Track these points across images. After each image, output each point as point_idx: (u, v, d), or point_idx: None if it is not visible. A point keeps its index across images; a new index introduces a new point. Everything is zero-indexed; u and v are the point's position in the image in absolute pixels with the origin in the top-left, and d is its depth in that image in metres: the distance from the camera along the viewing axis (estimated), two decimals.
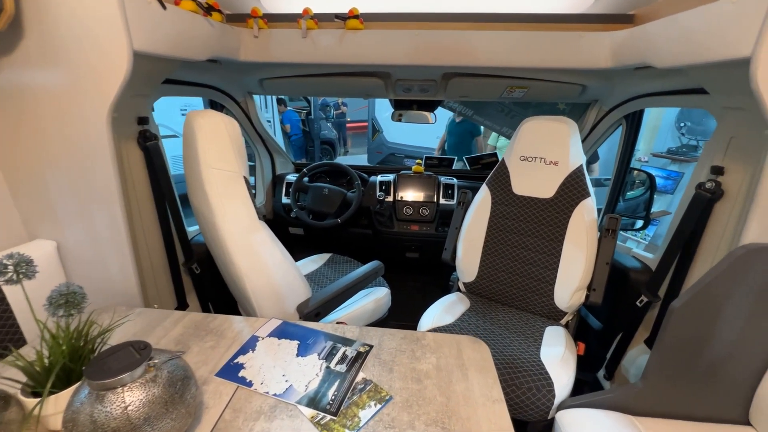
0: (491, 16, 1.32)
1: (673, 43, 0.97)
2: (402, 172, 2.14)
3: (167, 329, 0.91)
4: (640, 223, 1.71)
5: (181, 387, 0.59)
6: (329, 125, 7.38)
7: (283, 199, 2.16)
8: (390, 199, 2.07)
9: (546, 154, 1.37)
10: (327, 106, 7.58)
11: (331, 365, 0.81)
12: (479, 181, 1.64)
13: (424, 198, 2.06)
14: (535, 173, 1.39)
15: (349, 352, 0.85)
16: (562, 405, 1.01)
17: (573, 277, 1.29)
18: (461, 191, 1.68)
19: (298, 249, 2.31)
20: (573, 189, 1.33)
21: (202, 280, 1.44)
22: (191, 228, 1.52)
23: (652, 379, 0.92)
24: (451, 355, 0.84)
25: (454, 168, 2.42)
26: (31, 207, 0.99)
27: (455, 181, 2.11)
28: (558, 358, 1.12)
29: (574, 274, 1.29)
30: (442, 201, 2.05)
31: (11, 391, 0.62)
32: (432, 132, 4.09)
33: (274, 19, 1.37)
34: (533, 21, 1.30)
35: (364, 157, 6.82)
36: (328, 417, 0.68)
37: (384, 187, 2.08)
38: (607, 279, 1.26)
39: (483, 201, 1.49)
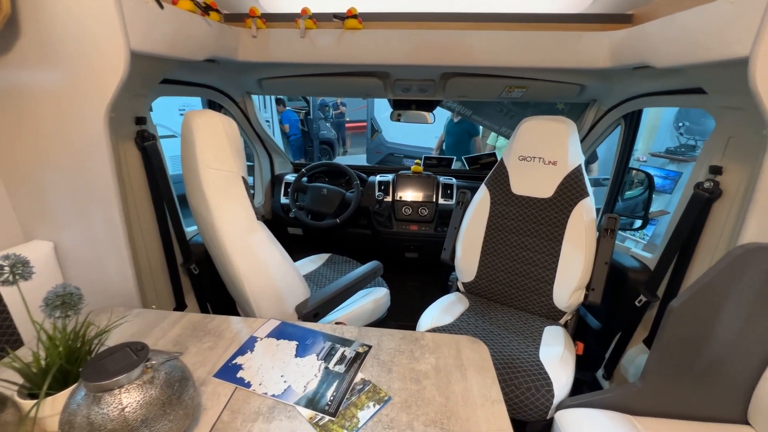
0: (490, 15, 1.32)
1: (672, 43, 0.97)
2: (401, 172, 2.14)
3: (165, 330, 0.91)
4: (638, 222, 1.72)
5: (178, 388, 0.59)
6: (328, 125, 7.38)
7: (282, 199, 2.16)
8: (389, 199, 2.07)
9: (545, 153, 1.37)
10: (326, 106, 7.57)
11: (330, 366, 0.80)
12: (478, 181, 1.64)
13: (423, 198, 2.06)
14: (533, 173, 1.39)
15: (348, 353, 0.84)
16: (561, 405, 1.01)
17: (572, 277, 1.29)
18: (460, 191, 1.68)
19: (297, 249, 2.31)
20: (572, 189, 1.33)
21: (201, 281, 1.44)
22: (190, 228, 1.52)
23: (650, 378, 0.92)
24: (450, 356, 0.84)
25: (453, 168, 2.42)
26: (27, 207, 0.98)
27: (454, 181, 2.10)
28: (557, 357, 1.12)
29: (572, 273, 1.29)
30: (441, 201, 2.05)
31: (8, 392, 0.61)
32: (431, 132, 4.09)
33: (272, 18, 1.37)
34: (532, 21, 1.30)
35: (363, 157, 6.82)
36: (327, 418, 0.68)
37: (383, 187, 2.07)
38: (606, 279, 1.26)
39: (482, 201, 1.49)
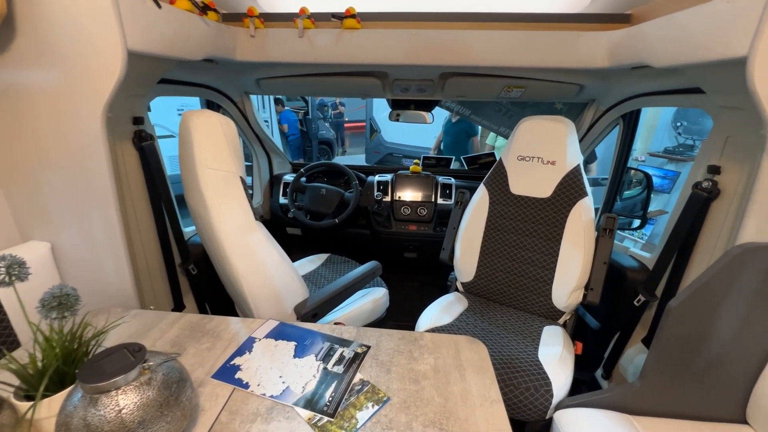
0: (488, 15, 1.32)
1: (670, 43, 0.97)
2: (400, 172, 2.14)
3: (163, 331, 0.90)
4: (637, 222, 1.72)
5: (176, 389, 0.58)
6: (327, 125, 7.37)
7: (281, 199, 2.16)
8: (388, 199, 2.06)
9: (543, 153, 1.37)
10: (325, 106, 7.56)
11: (329, 366, 0.80)
12: (477, 180, 1.64)
13: (422, 198, 2.06)
14: (532, 173, 1.39)
15: (347, 353, 0.84)
16: (560, 405, 1.01)
17: (571, 277, 1.29)
18: (459, 191, 1.68)
19: (296, 249, 2.31)
20: (570, 188, 1.33)
21: (199, 281, 1.43)
22: (188, 229, 1.51)
23: (649, 378, 0.92)
24: (449, 356, 0.84)
25: (451, 168, 2.42)
26: (24, 208, 0.98)
27: (453, 180, 2.10)
28: (556, 357, 1.12)
29: (571, 273, 1.29)
30: (440, 201, 2.04)
31: (4, 394, 0.61)
32: (430, 132, 4.09)
33: (270, 18, 1.37)
34: (530, 21, 1.30)
35: (362, 157, 6.81)
36: (326, 418, 0.67)
37: (382, 187, 2.07)
38: (605, 278, 1.26)
39: (481, 201, 1.49)
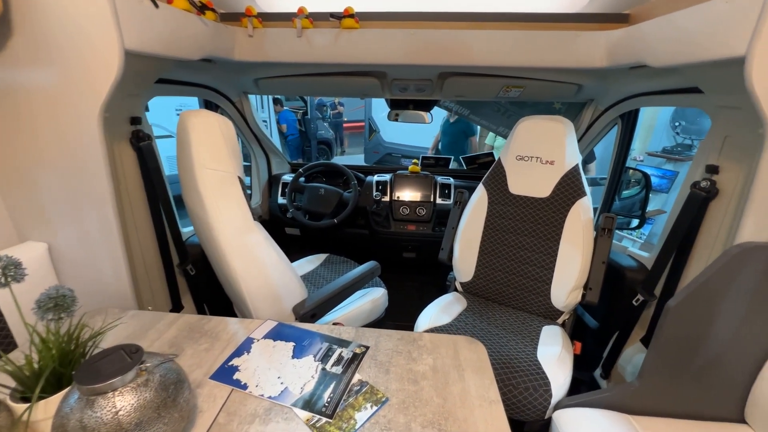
0: (487, 15, 1.32)
1: (668, 43, 0.97)
2: (398, 172, 2.13)
3: (161, 332, 0.90)
4: (635, 222, 1.72)
5: (173, 391, 0.58)
6: (326, 125, 7.37)
7: (279, 199, 2.15)
8: (387, 199, 2.06)
9: (542, 153, 1.37)
10: (324, 105, 7.56)
11: (327, 367, 0.80)
12: (476, 180, 1.64)
13: (420, 198, 2.05)
14: (531, 172, 1.39)
15: (345, 354, 0.84)
16: (559, 404, 1.01)
17: (569, 277, 1.29)
18: (458, 191, 1.68)
19: (295, 249, 2.31)
20: (569, 188, 1.33)
21: (197, 282, 1.43)
22: (186, 229, 1.51)
23: (648, 377, 0.93)
24: (448, 356, 0.84)
25: (450, 168, 2.42)
26: (21, 208, 0.97)
27: (452, 180, 2.10)
28: (555, 357, 1.12)
29: (570, 273, 1.29)
30: (438, 201, 2.04)
31: (0, 396, 0.60)
32: (429, 132, 4.09)
33: (268, 18, 1.36)
34: (529, 20, 1.30)
35: (361, 157, 6.81)
36: (324, 419, 0.67)
37: (380, 187, 2.07)
38: (604, 278, 1.26)
39: (479, 200, 1.49)
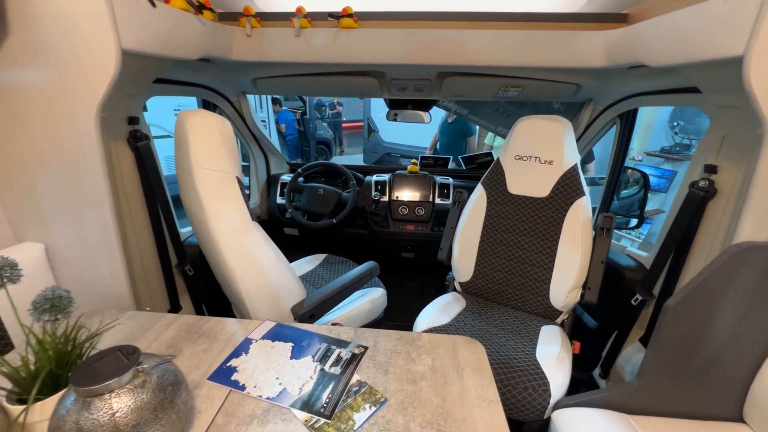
0: (485, 15, 1.31)
1: (667, 42, 0.97)
2: (397, 172, 2.13)
3: (159, 332, 0.90)
4: (634, 221, 1.72)
5: (171, 392, 0.58)
6: (325, 125, 7.36)
7: (278, 199, 2.15)
8: (385, 199, 2.06)
9: (541, 153, 1.37)
10: (322, 105, 7.56)
11: (326, 367, 0.80)
12: (475, 180, 1.64)
13: (419, 198, 2.05)
14: (530, 172, 1.39)
15: (344, 354, 0.84)
16: (558, 404, 1.01)
17: (568, 276, 1.29)
18: (457, 191, 1.68)
19: (294, 249, 2.31)
20: (568, 188, 1.33)
21: (196, 282, 1.42)
22: (184, 229, 1.50)
23: (647, 377, 0.93)
24: (447, 356, 0.84)
25: (449, 167, 2.42)
26: (18, 209, 0.97)
27: (451, 180, 2.10)
28: (554, 357, 1.12)
29: (569, 273, 1.29)
30: (437, 201, 2.04)
31: None
32: (428, 132, 4.09)
33: (267, 17, 1.36)
34: (527, 20, 1.30)
35: (360, 157, 6.80)
36: (322, 420, 0.67)
37: (379, 187, 2.07)
38: (602, 278, 1.26)
39: (478, 200, 1.49)
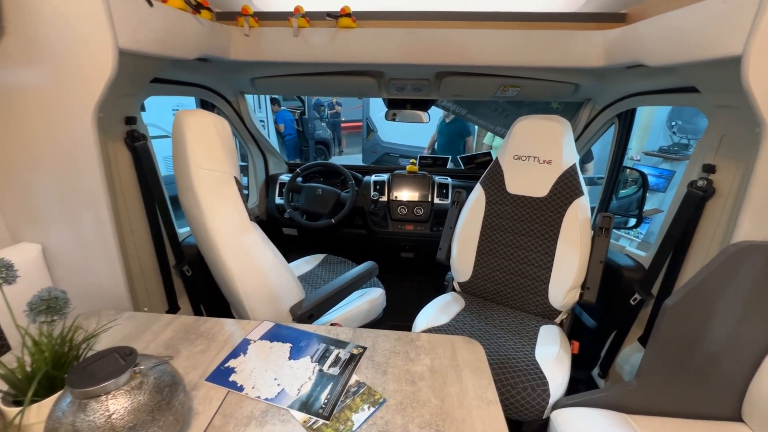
0: (484, 14, 1.31)
1: (665, 42, 0.97)
2: (396, 172, 2.13)
3: (156, 333, 0.89)
4: (633, 221, 1.72)
5: (168, 393, 0.57)
6: (323, 125, 7.35)
7: (277, 199, 2.14)
8: (384, 198, 2.06)
9: (539, 153, 1.37)
10: (321, 105, 7.55)
11: (324, 368, 0.79)
12: (473, 180, 1.64)
13: (418, 198, 2.05)
14: (528, 172, 1.39)
15: (343, 355, 0.83)
16: (557, 404, 1.00)
17: (567, 276, 1.29)
18: (455, 191, 1.68)
19: (292, 250, 2.30)
20: (566, 188, 1.33)
21: (194, 283, 1.42)
22: (183, 230, 1.50)
23: (646, 377, 0.93)
24: (446, 356, 0.84)
25: (448, 167, 2.42)
26: (15, 209, 0.96)
27: (449, 180, 2.10)
28: (553, 357, 1.12)
29: (568, 272, 1.29)
30: (436, 200, 2.04)
31: None
32: (427, 131, 4.09)
33: (265, 17, 1.35)
34: (526, 20, 1.30)
35: (359, 157, 6.80)
36: (321, 421, 0.67)
37: (378, 187, 2.07)
38: (601, 277, 1.26)
39: (477, 200, 1.49)
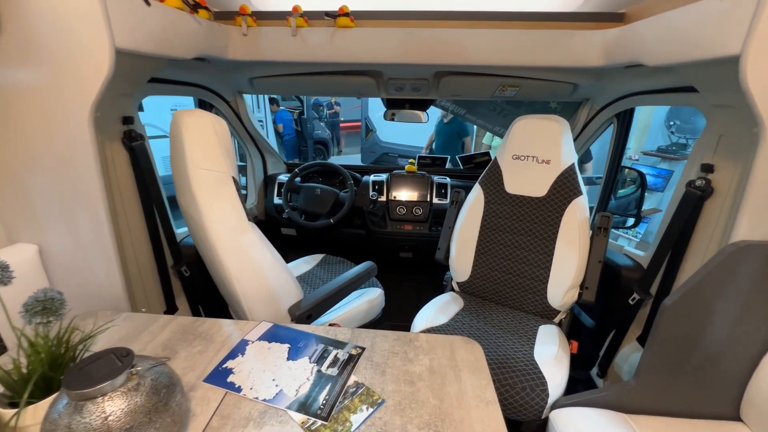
0: (482, 14, 1.31)
1: (663, 42, 0.97)
2: (395, 172, 2.13)
3: (154, 334, 0.89)
4: (631, 221, 1.72)
5: (165, 395, 0.57)
6: (322, 125, 7.35)
7: (275, 199, 2.14)
8: (383, 198, 2.05)
9: (538, 152, 1.37)
10: (320, 105, 7.54)
11: (323, 369, 0.79)
12: (472, 180, 1.64)
13: (417, 197, 2.05)
14: (527, 172, 1.39)
15: (341, 355, 0.83)
16: (556, 404, 1.00)
17: (566, 276, 1.29)
18: (454, 190, 1.68)
19: (291, 250, 2.30)
20: (565, 187, 1.33)
21: (192, 283, 1.41)
22: (180, 230, 1.49)
23: (644, 376, 0.93)
24: (445, 357, 0.83)
25: (447, 167, 2.42)
26: (11, 210, 0.96)
27: (448, 180, 2.10)
28: (551, 356, 1.12)
29: (566, 272, 1.29)
30: (435, 200, 2.04)
31: None
32: (426, 131, 4.10)
33: (263, 16, 1.35)
34: (524, 19, 1.30)
35: (358, 157, 6.80)
36: (319, 422, 0.66)
37: (377, 187, 2.06)
38: (600, 277, 1.26)
39: (476, 200, 1.49)
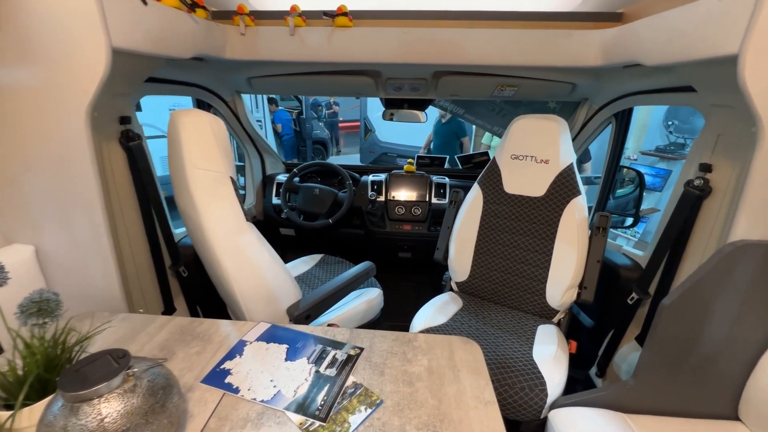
0: (481, 14, 1.31)
1: (662, 41, 0.97)
2: (394, 172, 2.13)
3: (151, 335, 0.89)
4: (630, 220, 1.72)
5: (162, 396, 0.57)
6: (321, 125, 7.34)
7: (274, 199, 2.13)
8: (382, 198, 2.05)
9: (537, 152, 1.37)
10: (319, 105, 7.53)
11: (321, 369, 0.79)
12: (471, 180, 1.63)
13: (416, 197, 2.05)
14: (526, 171, 1.39)
15: (339, 356, 0.83)
16: (555, 404, 1.00)
17: (564, 276, 1.29)
18: (453, 190, 1.68)
19: (289, 250, 2.29)
20: (564, 187, 1.33)
21: (190, 283, 1.41)
22: (178, 230, 1.49)
23: (643, 376, 0.93)
24: (443, 357, 0.83)
25: (445, 167, 2.42)
26: (7, 210, 0.95)
27: (447, 180, 2.10)
28: (550, 356, 1.12)
29: (565, 272, 1.29)
30: (434, 200, 2.04)
31: None
32: (425, 131, 4.10)
33: (261, 16, 1.35)
34: (523, 19, 1.30)
35: (357, 157, 6.80)
36: (317, 423, 0.66)
37: (376, 187, 2.06)
38: (598, 277, 1.26)
39: (475, 200, 1.49)
